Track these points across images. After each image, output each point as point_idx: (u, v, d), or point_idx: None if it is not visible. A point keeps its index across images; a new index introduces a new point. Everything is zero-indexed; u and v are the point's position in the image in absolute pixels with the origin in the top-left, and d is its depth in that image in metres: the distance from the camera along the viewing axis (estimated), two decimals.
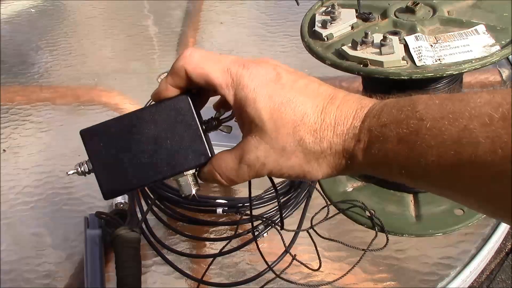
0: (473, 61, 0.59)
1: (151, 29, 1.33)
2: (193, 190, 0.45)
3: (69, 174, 0.46)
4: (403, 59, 0.60)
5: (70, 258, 0.76)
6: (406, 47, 0.62)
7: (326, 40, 0.67)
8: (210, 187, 0.84)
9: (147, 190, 0.81)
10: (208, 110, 0.47)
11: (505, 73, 1.02)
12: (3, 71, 1.20)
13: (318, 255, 0.72)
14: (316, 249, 0.72)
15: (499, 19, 0.64)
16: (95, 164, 0.44)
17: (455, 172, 0.33)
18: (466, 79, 0.75)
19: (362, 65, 0.62)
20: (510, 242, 0.78)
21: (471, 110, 0.32)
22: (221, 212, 0.77)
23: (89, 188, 0.86)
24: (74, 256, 0.76)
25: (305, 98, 0.40)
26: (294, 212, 0.78)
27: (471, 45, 0.61)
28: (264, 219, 0.75)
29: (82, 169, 0.45)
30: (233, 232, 0.75)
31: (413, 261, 0.71)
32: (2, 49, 1.28)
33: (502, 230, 0.75)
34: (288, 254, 0.72)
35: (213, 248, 0.76)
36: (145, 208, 0.80)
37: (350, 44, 0.64)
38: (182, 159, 0.43)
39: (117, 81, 1.14)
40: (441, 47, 0.61)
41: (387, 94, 0.40)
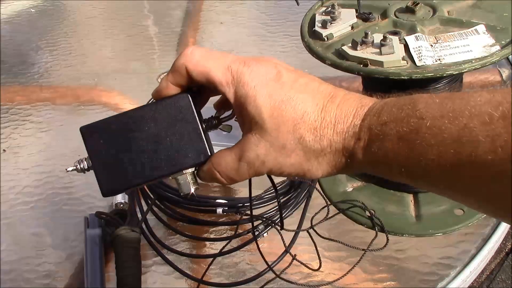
0: (473, 61, 0.59)
1: (151, 29, 1.33)
2: (192, 188, 0.44)
3: (68, 170, 0.46)
4: (403, 59, 0.60)
5: (70, 258, 0.76)
6: (406, 47, 0.62)
7: (326, 40, 0.67)
8: (210, 187, 0.84)
9: (147, 190, 0.81)
10: (208, 110, 0.47)
11: (505, 73, 1.02)
12: (3, 71, 1.20)
13: (318, 255, 0.72)
14: (316, 249, 0.72)
15: (499, 19, 0.64)
16: (94, 161, 0.44)
17: (455, 172, 0.33)
18: (466, 79, 0.75)
19: (362, 65, 0.62)
20: (510, 242, 0.78)
21: (471, 109, 0.32)
22: (221, 212, 0.77)
23: (89, 188, 0.86)
24: (74, 256, 0.76)
25: (306, 96, 0.40)
26: (294, 212, 0.78)
27: (471, 45, 0.61)
28: (264, 219, 0.75)
29: (82, 166, 0.45)
30: (233, 232, 0.75)
31: (413, 261, 0.71)
32: (2, 49, 1.28)
33: (502, 230, 0.75)
34: (288, 254, 0.72)
35: (213, 248, 0.76)
36: (145, 208, 0.80)
37: (350, 44, 0.63)
38: (181, 158, 0.43)
39: (117, 81, 1.14)
40: (441, 47, 0.61)
41: (387, 93, 0.40)
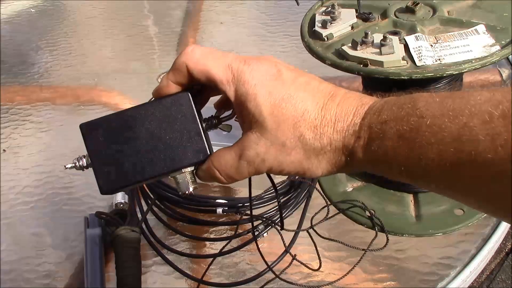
0: (473, 61, 0.59)
1: (151, 29, 1.33)
2: (190, 188, 0.44)
3: (67, 167, 0.45)
4: (403, 59, 0.60)
5: (70, 258, 0.76)
6: (406, 47, 0.62)
7: (326, 40, 0.67)
8: (210, 187, 0.84)
9: (147, 190, 0.81)
10: (208, 109, 0.47)
11: (505, 73, 1.02)
12: (3, 71, 1.20)
13: (318, 255, 0.72)
14: (316, 249, 0.72)
15: (499, 19, 0.64)
16: (93, 159, 0.44)
17: (455, 171, 0.33)
18: (466, 79, 0.75)
19: (362, 65, 0.62)
20: (510, 242, 0.78)
21: (471, 108, 0.32)
22: (221, 212, 0.77)
23: (89, 188, 0.86)
24: (74, 256, 0.76)
25: (306, 94, 0.40)
26: (294, 212, 0.78)
27: (471, 45, 0.60)
28: (264, 219, 0.75)
29: (81, 163, 0.45)
30: (233, 232, 0.75)
31: (413, 261, 0.71)
32: (2, 49, 1.28)
33: (502, 230, 0.75)
34: (288, 254, 0.72)
35: (213, 248, 0.76)
36: (145, 208, 0.80)
37: (350, 44, 0.63)
38: (181, 156, 0.43)
39: (117, 81, 1.14)
40: (441, 47, 0.61)
41: (387, 93, 0.40)
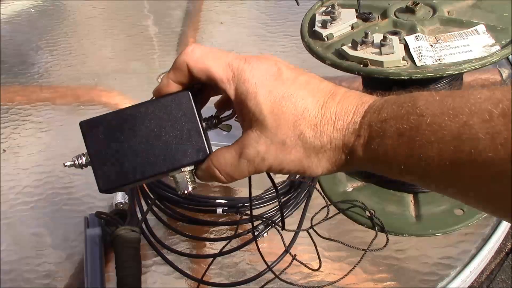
0: (473, 61, 0.59)
1: (151, 29, 1.33)
2: (189, 187, 0.44)
3: (66, 165, 0.45)
4: (403, 59, 0.60)
5: (70, 258, 0.76)
6: (406, 47, 0.62)
7: (326, 40, 0.67)
8: (210, 187, 0.84)
9: (147, 190, 0.81)
10: (208, 110, 0.47)
11: (505, 73, 1.02)
12: (3, 71, 1.20)
13: (318, 255, 0.72)
14: (316, 249, 0.72)
15: (499, 19, 0.64)
16: (92, 156, 0.44)
17: (454, 171, 0.33)
18: (466, 79, 0.75)
19: (362, 65, 0.62)
20: (510, 242, 0.78)
21: (471, 106, 0.32)
22: (221, 212, 0.77)
23: (89, 188, 0.86)
24: (74, 256, 0.76)
25: (306, 93, 0.40)
26: (294, 212, 0.78)
27: (471, 45, 0.60)
28: (264, 219, 0.75)
29: (80, 161, 0.44)
30: (233, 232, 0.75)
31: (413, 261, 0.71)
32: (2, 49, 1.28)
33: (502, 230, 0.75)
34: (288, 254, 0.72)
35: (213, 248, 0.76)
36: (145, 208, 0.80)
37: (350, 44, 0.63)
38: (180, 155, 0.43)
39: (117, 81, 1.14)
40: (441, 47, 0.61)
41: (387, 92, 0.40)
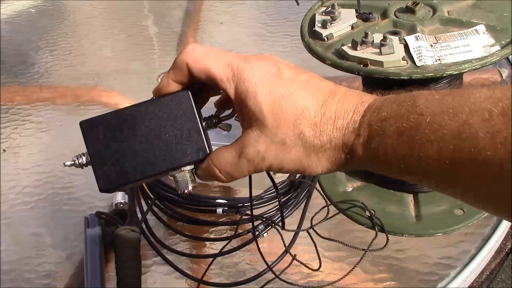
0: (473, 61, 0.59)
1: (151, 29, 1.33)
2: (189, 186, 0.44)
3: (66, 165, 0.45)
4: (403, 59, 0.60)
5: (70, 258, 0.76)
6: (406, 47, 0.62)
7: (326, 40, 0.67)
8: (210, 187, 0.84)
9: (147, 190, 0.81)
10: (208, 110, 0.47)
11: (505, 73, 1.02)
12: (3, 71, 1.20)
13: (318, 255, 0.72)
14: (316, 249, 0.72)
15: (499, 19, 0.64)
16: (92, 156, 0.44)
17: (454, 171, 0.33)
18: (466, 79, 0.75)
19: (362, 65, 0.62)
20: (510, 242, 0.78)
21: (471, 105, 0.32)
22: (221, 212, 0.77)
23: (89, 188, 0.86)
24: (74, 256, 0.76)
25: (306, 92, 0.40)
26: (294, 212, 0.78)
27: (471, 45, 0.60)
28: (264, 219, 0.75)
29: (80, 161, 0.44)
30: (233, 232, 0.75)
31: (413, 261, 0.71)
32: (2, 49, 1.28)
33: (502, 230, 0.75)
34: (288, 254, 0.72)
35: (213, 248, 0.76)
36: (145, 208, 0.80)
37: (350, 44, 0.63)
38: (180, 155, 0.43)
39: (117, 81, 1.14)
40: (441, 47, 0.61)
41: (387, 92, 0.40)
